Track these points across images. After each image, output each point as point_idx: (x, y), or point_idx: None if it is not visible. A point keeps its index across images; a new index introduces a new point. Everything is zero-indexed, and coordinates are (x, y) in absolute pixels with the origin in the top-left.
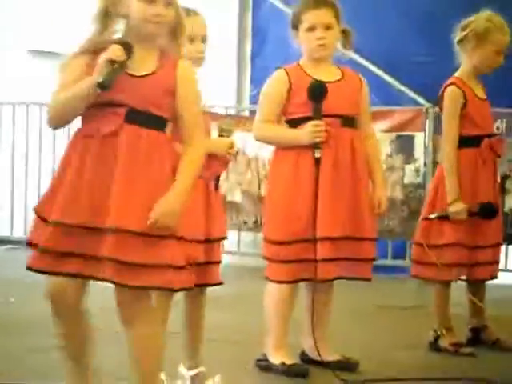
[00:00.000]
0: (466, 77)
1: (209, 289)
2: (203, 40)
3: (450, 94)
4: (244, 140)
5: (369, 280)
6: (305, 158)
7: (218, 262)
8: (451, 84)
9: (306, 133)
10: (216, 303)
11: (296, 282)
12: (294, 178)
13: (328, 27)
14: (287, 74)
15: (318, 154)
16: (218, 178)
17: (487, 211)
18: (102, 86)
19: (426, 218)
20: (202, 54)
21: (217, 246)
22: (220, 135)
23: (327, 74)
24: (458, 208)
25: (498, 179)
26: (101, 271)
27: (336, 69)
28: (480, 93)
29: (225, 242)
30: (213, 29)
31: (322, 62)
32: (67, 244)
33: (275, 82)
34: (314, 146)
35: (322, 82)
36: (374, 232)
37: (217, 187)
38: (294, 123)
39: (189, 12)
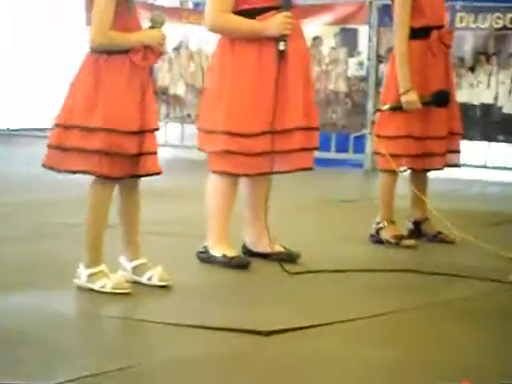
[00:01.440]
0: None
1: (151, 181)
2: None
3: None
4: (186, 33)
5: (311, 169)
6: (268, 51)
7: (154, 153)
8: None
9: (276, 24)
10: (158, 196)
11: (246, 174)
12: (257, 71)
13: None
14: None
15: (282, 47)
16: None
17: (440, 99)
18: None
19: (379, 110)
20: None
21: (151, 137)
22: (152, 27)
23: None
24: (411, 98)
25: (452, 71)
26: None
27: None
28: None
29: (169, 135)
30: None
31: None
32: None
33: None
34: (280, 39)
35: None
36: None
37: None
38: (248, 14)
39: None
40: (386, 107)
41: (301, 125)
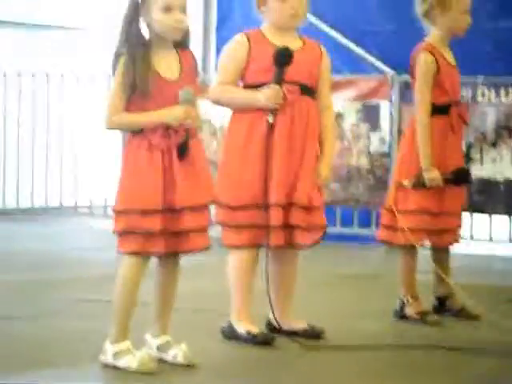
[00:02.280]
0: (437, 43)
1: None
2: (182, 10)
3: (423, 61)
4: (209, 109)
5: (317, 244)
6: (259, 123)
7: (198, 230)
8: (423, 50)
9: (264, 95)
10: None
11: (252, 247)
12: (247, 142)
13: None
14: (247, 38)
15: (271, 120)
16: (181, 147)
17: (461, 177)
18: None
19: (400, 185)
20: (180, 24)
21: (192, 214)
22: (181, 104)
23: (289, 42)
24: (433, 175)
25: (463, 147)
26: None
27: (297, 38)
28: (450, 59)
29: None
30: None
31: (286, 31)
32: None
33: (234, 45)
34: (270, 111)
35: (288, 48)
36: (321, 200)
37: (180, 156)
38: (252, 89)
39: None
40: (407, 183)
41: (281, 202)
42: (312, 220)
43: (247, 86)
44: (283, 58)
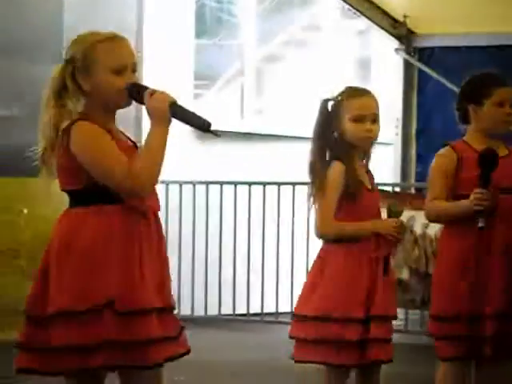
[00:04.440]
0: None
1: None
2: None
3: None
4: (410, 218)
5: None
6: (471, 230)
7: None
8: None
9: (469, 200)
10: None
11: (463, 359)
12: (460, 253)
13: None
14: (454, 150)
15: (481, 224)
16: (387, 261)
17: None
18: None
19: None
20: (370, 133)
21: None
22: (389, 216)
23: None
24: None
25: None
26: None
27: (503, 145)
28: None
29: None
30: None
31: (490, 138)
32: None
33: (443, 159)
34: (476, 215)
35: (494, 150)
36: None
37: (386, 271)
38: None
39: None
40: None
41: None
42: None
43: (457, 196)
44: (488, 158)
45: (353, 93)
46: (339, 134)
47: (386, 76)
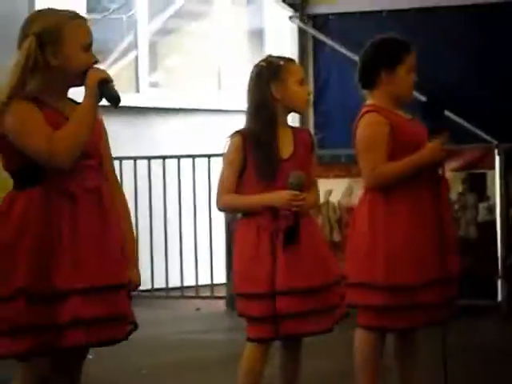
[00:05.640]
0: None
1: None
2: None
3: None
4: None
5: None
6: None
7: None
8: None
9: (429, 150)
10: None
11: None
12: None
13: None
14: (382, 115)
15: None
16: (289, 233)
17: None
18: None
19: None
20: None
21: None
22: (289, 188)
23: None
24: None
25: None
26: None
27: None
28: None
29: None
30: None
31: (399, 103)
32: None
33: (377, 126)
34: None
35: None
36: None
37: (287, 241)
38: None
39: None
40: None
41: None
42: None
43: None
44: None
45: (286, 58)
46: (281, 99)
47: (280, 45)
